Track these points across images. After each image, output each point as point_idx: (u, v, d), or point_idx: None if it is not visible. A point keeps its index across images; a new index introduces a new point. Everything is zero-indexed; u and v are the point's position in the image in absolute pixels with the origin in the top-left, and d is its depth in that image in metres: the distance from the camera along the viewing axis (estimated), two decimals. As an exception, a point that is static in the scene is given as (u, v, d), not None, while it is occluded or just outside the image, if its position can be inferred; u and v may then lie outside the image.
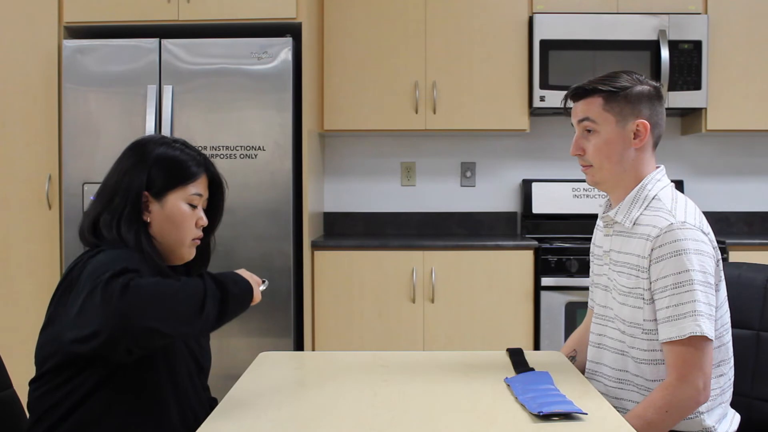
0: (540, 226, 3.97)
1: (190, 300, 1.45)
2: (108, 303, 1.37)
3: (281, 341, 3.32)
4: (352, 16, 3.75)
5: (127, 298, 1.37)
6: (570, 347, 2.06)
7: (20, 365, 2.00)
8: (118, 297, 1.37)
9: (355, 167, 4.12)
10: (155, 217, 1.65)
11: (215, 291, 1.50)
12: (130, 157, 1.69)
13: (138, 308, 1.38)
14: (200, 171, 1.70)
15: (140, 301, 1.38)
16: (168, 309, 1.42)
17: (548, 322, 3.46)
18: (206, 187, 1.72)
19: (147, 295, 1.39)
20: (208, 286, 1.49)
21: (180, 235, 1.67)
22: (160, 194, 1.65)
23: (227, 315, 1.53)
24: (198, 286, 1.48)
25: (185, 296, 1.45)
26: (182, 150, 1.70)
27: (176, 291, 1.44)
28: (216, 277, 1.55)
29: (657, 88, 1.80)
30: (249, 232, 3.29)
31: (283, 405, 1.54)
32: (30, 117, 3.43)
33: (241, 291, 1.56)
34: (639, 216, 1.74)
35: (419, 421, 1.46)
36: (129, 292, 1.38)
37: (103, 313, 1.37)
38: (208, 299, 1.47)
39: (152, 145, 1.69)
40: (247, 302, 1.59)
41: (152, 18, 3.38)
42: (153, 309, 1.39)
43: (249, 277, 1.62)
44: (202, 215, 1.71)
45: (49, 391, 1.54)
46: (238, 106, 3.33)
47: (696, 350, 1.62)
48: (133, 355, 1.45)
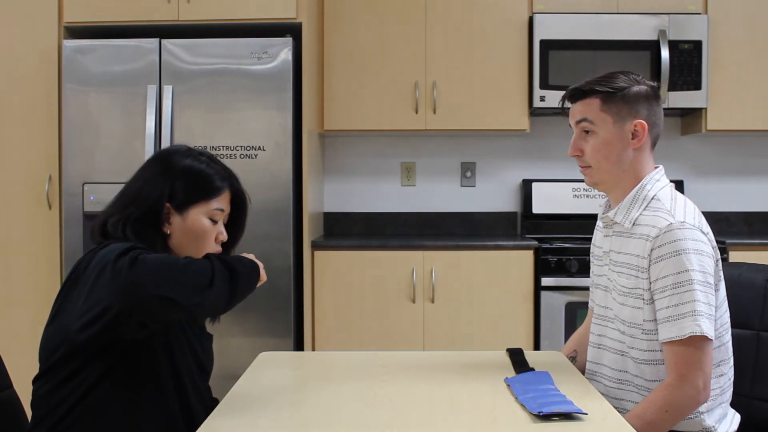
0: (540, 226, 3.97)
1: (200, 272, 1.48)
2: (117, 276, 1.40)
3: (281, 341, 3.32)
4: (352, 16, 3.75)
5: (137, 269, 1.40)
6: (570, 348, 2.06)
7: (20, 365, 2.00)
8: (128, 270, 1.39)
9: (355, 167, 4.12)
10: (175, 230, 1.64)
11: (222, 269, 1.52)
12: (155, 166, 1.68)
13: (149, 277, 1.41)
14: (224, 186, 1.69)
15: (150, 271, 1.41)
16: (179, 279, 1.44)
17: (548, 322, 3.46)
18: (228, 203, 1.72)
19: (156, 266, 1.43)
20: (216, 265, 1.52)
21: (199, 250, 1.66)
22: (182, 207, 1.64)
23: (238, 292, 1.56)
24: (205, 263, 1.51)
25: (194, 270, 1.47)
26: (208, 164, 1.69)
27: (185, 265, 1.48)
28: (221, 257, 1.58)
29: (654, 88, 1.80)
30: (249, 232, 3.23)
31: (283, 405, 1.54)
32: (30, 117, 3.43)
33: (247, 269, 1.60)
34: (638, 216, 1.74)
35: (419, 421, 1.46)
36: (138, 264, 1.41)
37: (114, 288, 1.40)
38: (217, 275, 1.50)
39: (179, 156, 1.68)
40: (254, 280, 1.62)
41: (152, 18, 3.38)
42: (164, 278, 1.42)
43: (253, 258, 1.66)
44: (222, 230, 1.70)
45: (54, 388, 1.55)
46: (238, 106, 3.33)
47: (696, 350, 1.62)
48: (147, 330, 1.47)
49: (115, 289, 1.40)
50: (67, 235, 3.36)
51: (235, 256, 1.63)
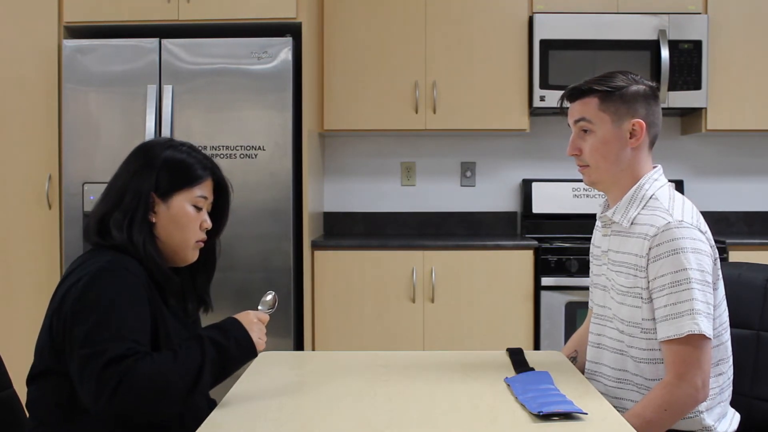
0: (540, 226, 3.97)
1: (186, 379, 1.48)
2: (100, 397, 1.42)
3: (281, 341, 3.32)
4: (352, 16, 3.75)
5: (120, 396, 1.42)
6: (571, 348, 2.06)
7: (20, 365, 2.00)
8: (110, 396, 1.41)
9: (355, 167, 4.12)
10: (160, 218, 1.66)
11: (215, 356, 1.53)
12: (137, 159, 1.70)
13: (131, 405, 1.43)
14: (206, 174, 1.71)
15: (134, 398, 1.43)
16: (162, 399, 1.46)
17: (548, 322, 3.45)
18: (212, 191, 1.74)
19: (141, 390, 1.43)
20: (207, 356, 1.52)
21: (184, 237, 1.68)
22: (166, 195, 1.66)
23: (224, 377, 1.58)
24: (195, 360, 1.50)
25: (181, 376, 1.48)
26: (189, 153, 1.72)
27: (172, 375, 1.47)
28: (217, 340, 1.55)
29: (653, 87, 1.80)
30: (249, 232, 3.29)
31: (283, 405, 1.54)
32: (30, 117, 3.43)
33: (242, 354, 1.58)
34: (636, 215, 1.75)
35: (419, 421, 1.46)
36: (122, 388, 1.41)
37: (95, 403, 1.43)
38: (206, 369, 1.50)
39: (159, 148, 1.71)
40: (246, 362, 1.63)
41: (152, 18, 3.38)
42: (146, 404, 1.44)
43: (250, 323, 1.62)
44: (206, 218, 1.72)
45: (51, 388, 1.56)
46: (238, 106, 3.33)
47: (695, 349, 1.62)
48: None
49: (98, 407, 1.43)
50: (67, 234, 3.36)
51: (235, 330, 1.59)
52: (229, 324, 1.60)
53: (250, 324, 1.61)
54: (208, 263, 1.81)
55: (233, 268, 3.25)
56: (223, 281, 2.57)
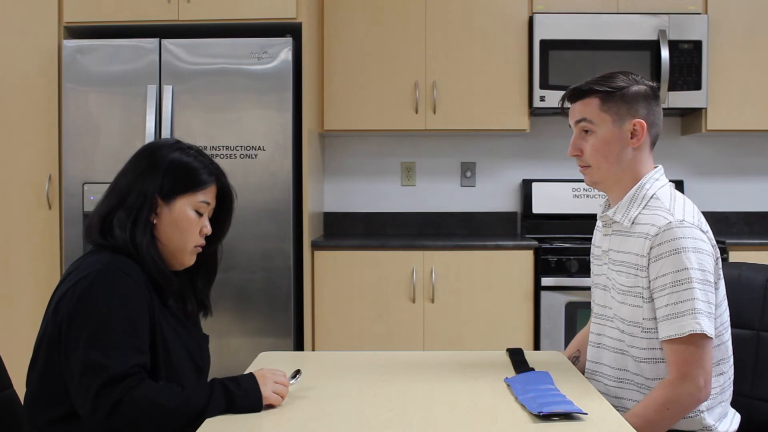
0: (540, 226, 3.97)
1: (185, 414, 1.46)
2: (96, 411, 1.42)
3: (281, 341, 3.32)
4: (352, 16, 3.75)
5: (117, 415, 1.42)
6: (573, 349, 2.06)
7: (20, 365, 1.99)
8: (107, 413, 1.42)
9: (355, 167, 4.12)
10: (162, 220, 1.66)
11: (221, 401, 1.49)
12: (143, 159, 1.69)
13: (125, 426, 1.43)
14: (211, 180, 1.70)
15: (129, 421, 1.43)
16: (157, 428, 1.45)
17: (548, 322, 3.45)
18: (215, 197, 1.73)
19: (138, 414, 1.43)
20: (215, 398, 1.49)
21: (183, 240, 1.67)
22: (168, 197, 1.65)
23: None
24: (201, 400, 1.48)
25: (179, 410, 1.46)
26: (196, 157, 1.71)
27: (172, 406, 1.45)
28: (228, 386, 1.51)
29: (653, 87, 1.80)
30: (249, 232, 3.29)
31: (283, 405, 1.54)
32: (30, 117, 3.43)
33: (249, 404, 1.51)
34: (637, 215, 1.75)
35: (419, 421, 1.46)
36: (121, 408, 1.42)
37: (90, 416, 1.43)
38: (208, 412, 1.47)
39: (166, 149, 1.70)
40: (251, 411, 1.52)
41: (152, 18, 3.38)
42: (140, 428, 1.44)
43: (263, 377, 1.56)
44: (206, 224, 1.71)
45: (49, 389, 1.55)
46: (238, 106, 3.32)
47: (696, 348, 1.62)
48: None
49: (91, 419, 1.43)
50: (67, 234, 3.36)
51: (246, 382, 1.53)
52: (244, 376, 1.57)
53: (263, 378, 1.56)
54: (210, 268, 1.81)
55: (233, 268, 3.25)
56: (223, 281, 2.56)
